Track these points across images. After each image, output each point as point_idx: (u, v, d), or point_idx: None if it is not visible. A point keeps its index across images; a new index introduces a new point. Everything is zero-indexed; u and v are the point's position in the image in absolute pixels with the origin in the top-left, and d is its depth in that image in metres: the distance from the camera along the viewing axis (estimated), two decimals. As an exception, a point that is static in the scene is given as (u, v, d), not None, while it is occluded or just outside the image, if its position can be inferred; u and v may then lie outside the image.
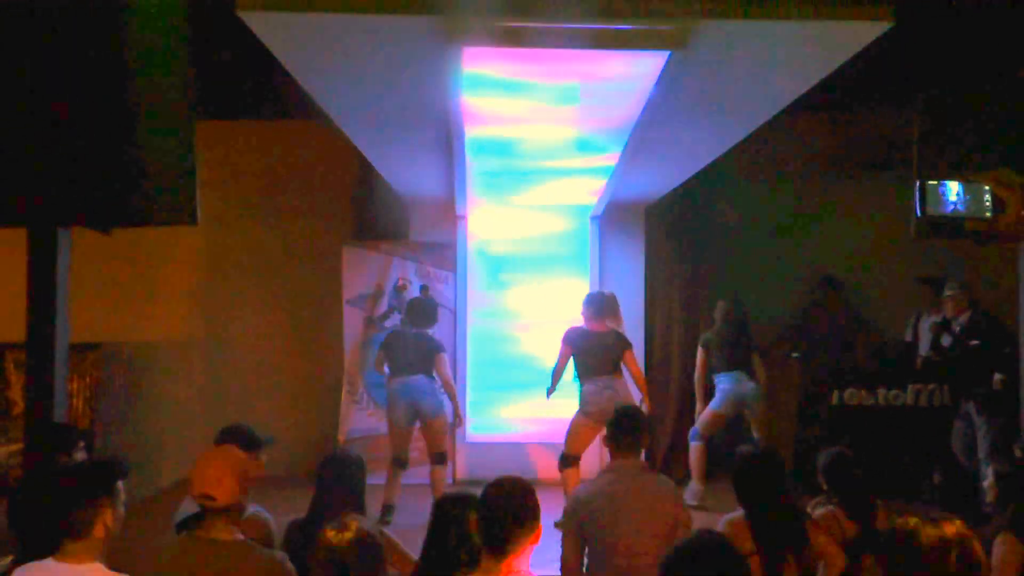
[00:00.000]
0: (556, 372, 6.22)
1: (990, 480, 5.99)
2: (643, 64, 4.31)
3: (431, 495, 5.72)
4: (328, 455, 3.64)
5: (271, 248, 8.26)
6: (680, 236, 8.05)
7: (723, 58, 4.22)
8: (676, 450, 7.63)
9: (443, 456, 6.36)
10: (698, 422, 6.80)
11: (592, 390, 6.01)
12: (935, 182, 3.36)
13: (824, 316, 7.93)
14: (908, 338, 7.52)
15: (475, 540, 2.61)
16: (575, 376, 6.16)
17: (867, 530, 3.62)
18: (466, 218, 7.92)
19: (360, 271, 7.77)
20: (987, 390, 6.21)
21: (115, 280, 7.93)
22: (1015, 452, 4.62)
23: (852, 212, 8.10)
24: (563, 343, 6.20)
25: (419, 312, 6.54)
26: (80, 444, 3.87)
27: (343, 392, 7.68)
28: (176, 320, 8.21)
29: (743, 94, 4.81)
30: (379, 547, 3.26)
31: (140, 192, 3.74)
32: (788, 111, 5.03)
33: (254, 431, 3.61)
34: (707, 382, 6.85)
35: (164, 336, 8.22)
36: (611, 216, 7.90)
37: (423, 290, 7.31)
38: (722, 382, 6.73)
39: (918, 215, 3.85)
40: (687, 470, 6.89)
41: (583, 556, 3.48)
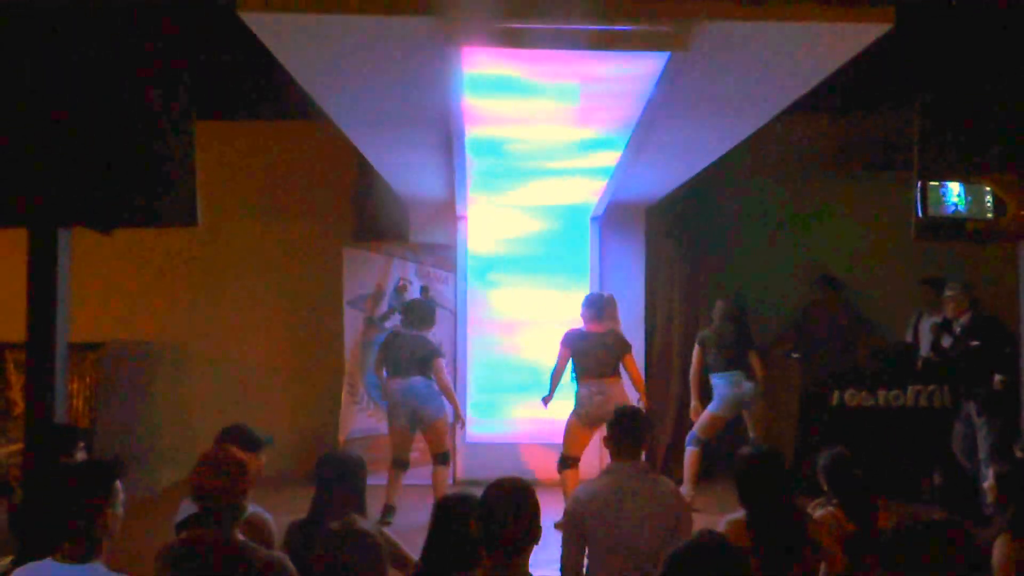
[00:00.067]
0: (555, 375, 6.21)
1: (991, 481, 5.96)
2: (643, 65, 4.30)
3: (432, 495, 5.72)
4: (328, 455, 3.62)
5: (271, 248, 8.26)
6: (680, 236, 8.04)
7: (723, 59, 4.21)
8: (676, 450, 7.61)
9: (446, 456, 6.35)
10: (696, 426, 6.77)
11: (584, 393, 6.03)
12: (936, 183, 3.36)
13: (824, 316, 7.92)
14: (908, 339, 7.52)
15: (475, 540, 2.61)
16: (572, 377, 6.16)
17: (867, 530, 3.61)
18: (466, 219, 7.92)
19: (360, 272, 7.76)
20: (987, 391, 6.20)
21: (115, 280, 7.95)
22: (1015, 453, 4.61)
23: (852, 213, 8.11)
24: (562, 345, 6.19)
25: (417, 314, 6.52)
26: (80, 444, 3.88)
27: (343, 393, 7.68)
28: (176, 320, 8.21)
29: (743, 95, 4.81)
30: (379, 547, 3.27)
31: (140, 192, 3.75)
32: (788, 111, 5.02)
33: (254, 431, 3.61)
34: (703, 379, 6.82)
35: (164, 336, 8.22)
36: (611, 217, 7.90)
37: (423, 291, 7.30)
38: (719, 385, 6.71)
39: (919, 215, 3.86)
40: (686, 471, 6.88)
41: (583, 557, 3.48)
